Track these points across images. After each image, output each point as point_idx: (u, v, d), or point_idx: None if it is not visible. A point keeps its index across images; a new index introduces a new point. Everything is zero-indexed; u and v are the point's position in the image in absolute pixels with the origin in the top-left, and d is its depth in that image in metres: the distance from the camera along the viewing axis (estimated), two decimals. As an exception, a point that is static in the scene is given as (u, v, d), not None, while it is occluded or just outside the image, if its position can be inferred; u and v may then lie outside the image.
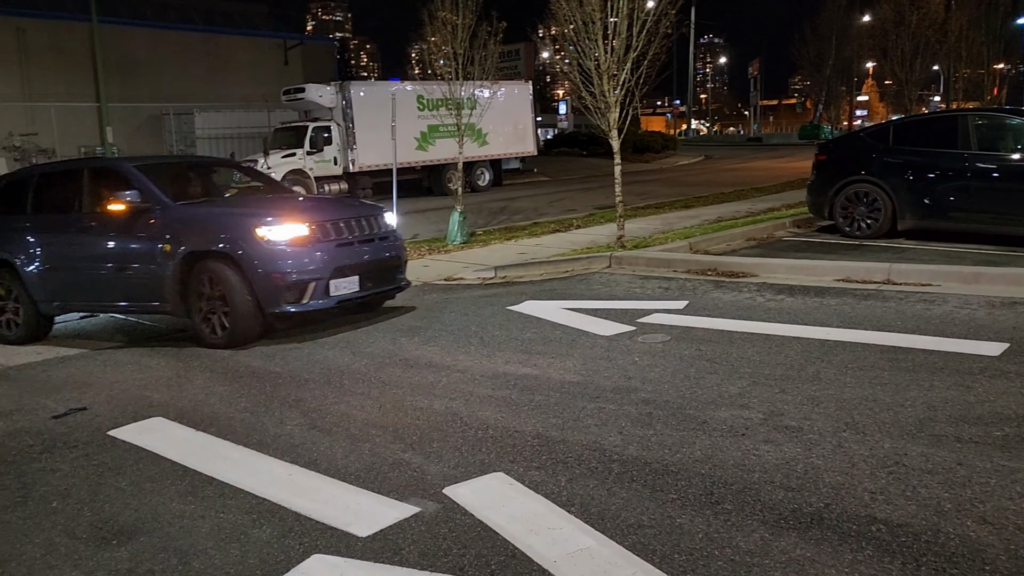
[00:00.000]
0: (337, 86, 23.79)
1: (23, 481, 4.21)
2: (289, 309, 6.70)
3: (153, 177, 7.41)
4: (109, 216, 7.26)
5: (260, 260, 6.57)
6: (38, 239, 7.72)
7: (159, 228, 6.96)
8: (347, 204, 8.89)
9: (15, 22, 28.61)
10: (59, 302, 7.65)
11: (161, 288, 6.90)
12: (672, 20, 11.78)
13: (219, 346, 6.75)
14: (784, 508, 3.39)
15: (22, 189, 8.20)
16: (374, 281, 7.25)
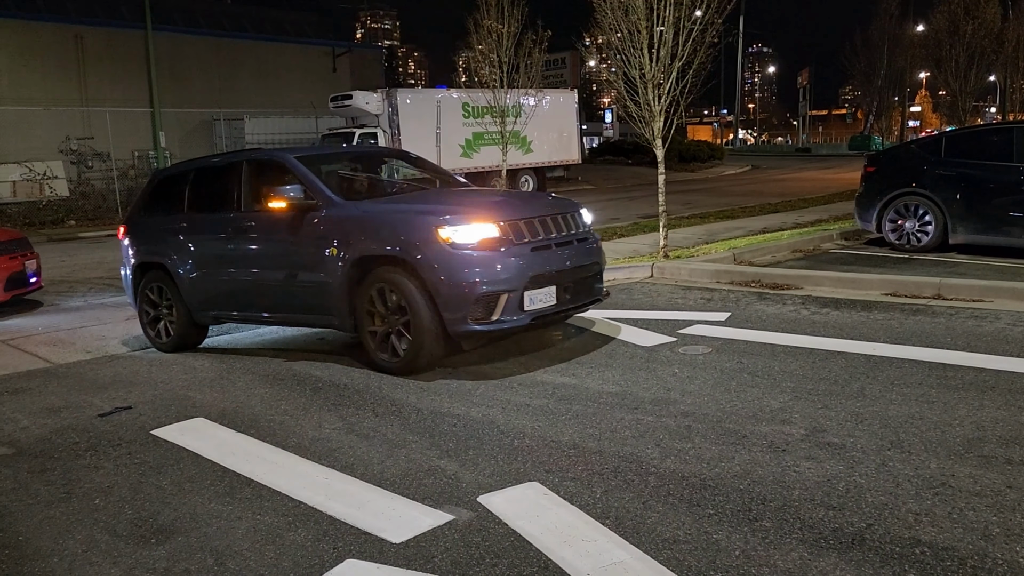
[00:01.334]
0: (384, 93, 24.06)
1: (68, 477, 4.31)
2: (475, 327, 5.60)
3: (317, 170, 6.69)
4: (269, 215, 6.52)
5: (443, 267, 5.55)
6: (193, 241, 7.09)
7: (325, 229, 6.14)
8: (540, 199, 7.67)
9: (74, 30, 29.48)
10: (214, 311, 7.00)
11: (327, 299, 6.12)
12: (719, 29, 11.67)
13: (395, 371, 5.85)
14: (824, 527, 3.31)
15: (178, 185, 7.58)
16: (572, 293, 6.09)
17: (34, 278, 9.93)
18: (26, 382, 6.34)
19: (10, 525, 3.76)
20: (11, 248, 9.64)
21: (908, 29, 51.49)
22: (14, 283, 9.50)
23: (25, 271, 9.64)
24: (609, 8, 11.35)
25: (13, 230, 11.65)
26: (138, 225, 7.81)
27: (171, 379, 6.21)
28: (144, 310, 7.50)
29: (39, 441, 4.91)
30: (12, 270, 9.45)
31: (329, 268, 6.06)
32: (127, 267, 7.74)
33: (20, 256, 9.65)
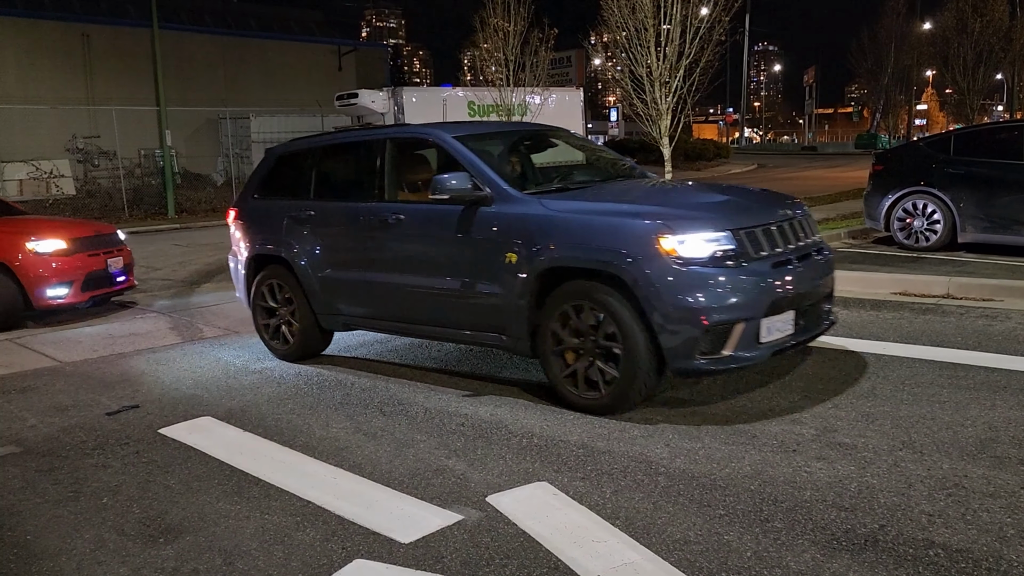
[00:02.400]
0: (389, 91, 24.05)
1: (76, 476, 4.30)
2: (701, 363, 4.48)
3: (485, 154, 5.55)
4: (421, 208, 5.58)
5: (667, 287, 4.41)
6: (322, 233, 6.13)
7: (500, 230, 5.06)
8: (769, 197, 5.57)
9: (80, 28, 29.56)
10: (346, 316, 6.12)
11: (499, 315, 5.10)
12: (726, 27, 11.66)
13: (593, 409, 4.77)
14: (836, 528, 3.28)
15: (303, 165, 6.62)
16: (808, 318, 4.89)
17: (121, 277, 9.06)
18: (33, 380, 6.35)
19: (18, 524, 3.75)
20: (91, 244, 8.78)
21: (915, 27, 51.31)
22: (94, 283, 8.64)
23: (107, 269, 8.80)
24: (616, 6, 11.32)
25: (101, 223, 10.83)
26: (253, 210, 6.82)
27: (178, 378, 6.20)
28: (259, 310, 6.67)
29: (47, 440, 4.91)
30: (91, 268, 8.60)
31: (504, 278, 5.02)
32: (238, 259, 6.90)
33: (102, 253, 8.79)
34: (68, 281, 8.40)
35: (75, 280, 8.44)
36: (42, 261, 8.26)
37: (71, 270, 8.41)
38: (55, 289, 8.31)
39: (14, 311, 8.24)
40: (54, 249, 8.38)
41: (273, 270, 6.48)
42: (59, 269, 8.35)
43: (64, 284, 8.38)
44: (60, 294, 8.35)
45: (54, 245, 8.41)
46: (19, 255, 8.20)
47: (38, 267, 8.24)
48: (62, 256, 8.39)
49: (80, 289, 8.48)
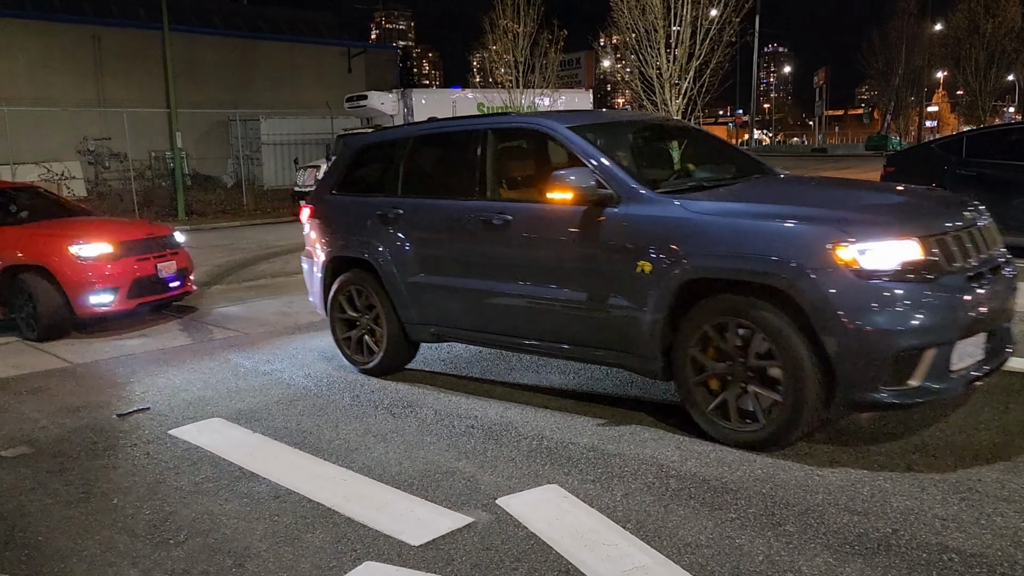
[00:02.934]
0: (399, 93, 24.10)
1: (87, 477, 4.31)
2: (883, 396, 3.83)
3: (608, 148, 4.92)
4: (533, 208, 4.95)
5: (844, 304, 3.78)
6: (413, 235, 5.53)
7: (629, 234, 4.43)
8: (946, 198, 4.87)
9: (91, 30, 29.73)
10: (437, 327, 5.53)
11: (628, 331, 4.47)
12: (736, 28, 11.63)
13: (752, 444, 4.12)
14: (849, 532, 3.26)
15: (390, 158, 6.04)
16: (994, 341, 4.21)
17: (175, 282, 8.53)
18: (44, 381, 6.37)
19: (29, 525, 3.76)
20: (140, 248, 8.28)
21: (926, 28, 51.10)
22: (142, 289, 8.15)
23: (158, 274, 8.29)
24: (626, 8, 11.32)
25: (157, 225, 9.96)
26: (332, 208, 6.23)
27: (188, 379, 6.21)
28: (338, 320, 6.15)
29: (58, 441, 4.92)
30: (139, 274, 8.11)
31: (635, 290, 4.40)
32: (314, 261, 6.34)
33: (152, 257, 8.27)
34: (113, 287, 7.94)
35: (120, 286, 7.98)
36: (85, 266, 7.82)
37: (116, 275, 7.96)
38: (99, 296, 7.86)
39: (60, 319, 7.84)
40: (98, 253, 7.94)
41: (355, 274, 5.93)
42: (103, 274, 7.88)
43: (108, 290, 7.92)
44: (104, 301, 7.91)
45: (98, 249, 7.97)
46: (61, 259, 7.81)
47: (81, 272, 7.79)
48: (107, 260, 7.95)
49: (126, 295, 8.02)
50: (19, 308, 7.91)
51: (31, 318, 7.81)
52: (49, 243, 7.95)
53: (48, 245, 7.93)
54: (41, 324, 7.73)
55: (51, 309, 7.72)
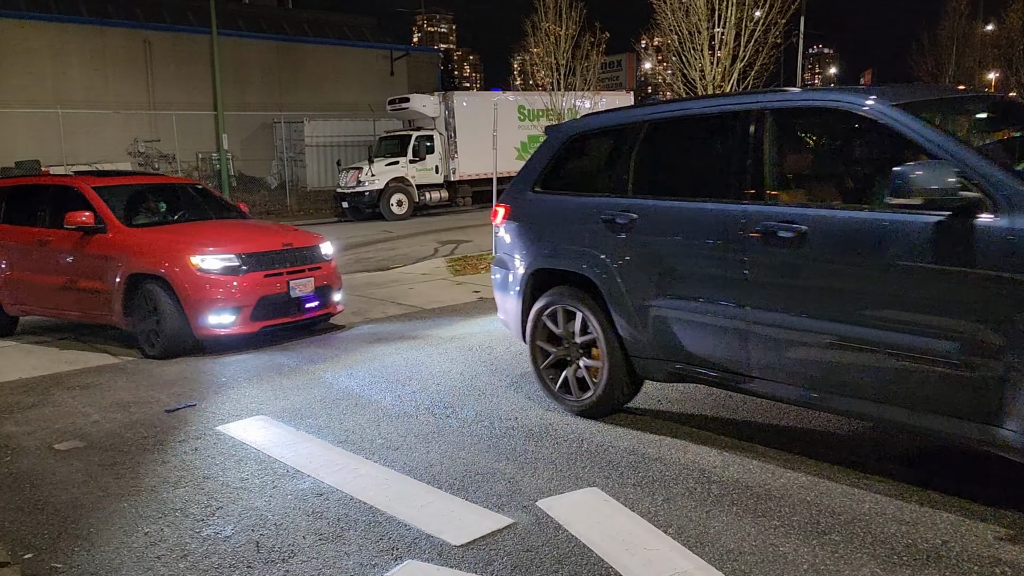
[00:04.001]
0: (440, 96, 24.24)
1: (137, 471, 4.41)
2: None
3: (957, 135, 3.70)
4: (843, 216, 3.66)
5: None
6: (651, 246, 4.41)
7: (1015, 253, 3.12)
8: None
9: (143, 34, 30.36)
10: (681, 363, 4.37)
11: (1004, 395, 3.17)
12: (781, 30, 11.48)
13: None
14: (897, 543, 3.20)
15: (616, 149, 4.90)
16: None
17: (313, 302, 7.46)
18: (96, 377, 6.53)
19: (81, 517, 3.86)
20: (272, 261, 7.25)
21: (978, 28, 49.90)
22: (269, 309, 7.15)
23: (290, 293, 7.24)
24: (669, 10, 11.24)
25: (300, 232, 8.18)
26: (535, 208, 5.21)
27: (233, 377, 6.32)
28: (540, 348, 5.11)
29: (109, 435, 5.05)
30: (266, 292, 7.09)
31: None
32: (510, 270, 5.32)
33: (285, 273, 7.26)
34: (235, 306, 6.97)
35: (244, 305, 6.99)
36: (205, 279, 6.94)
37: (239, 292, 6.98)
38: (218, 315, 6.94)
39: (181, 337, 7.02)
40: (221, 265, 7.01)
41: (565, 291, 4.89)
42: (224, 290, 6.95)
43: (229, 309, 6.96)
44: (224, 322, 6.97)
45: (221, 260, 7.03)
46: (181, 269, 6.97)
47: (199, 286, 6.91)
48: (230, 274, 7.00)
49: (249, 317, 7.04)
50: (141, 320, 7.18)
51: (153, 333, 7.09)
52: (170, 250, 7.13)
53: (169, 253, 7.11)
54: (163, 340, 7.01)
55: (173, 325, 6.96)
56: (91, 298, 7.54)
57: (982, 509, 3.43)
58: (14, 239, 8.21)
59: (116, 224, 7.52)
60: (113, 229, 7.49)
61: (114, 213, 7.60)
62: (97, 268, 7.44)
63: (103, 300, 7.43)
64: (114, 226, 7.51)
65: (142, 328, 7.20)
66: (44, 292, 7.94)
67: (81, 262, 7.59)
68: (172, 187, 9.09)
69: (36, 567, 3.40)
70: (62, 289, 7.73)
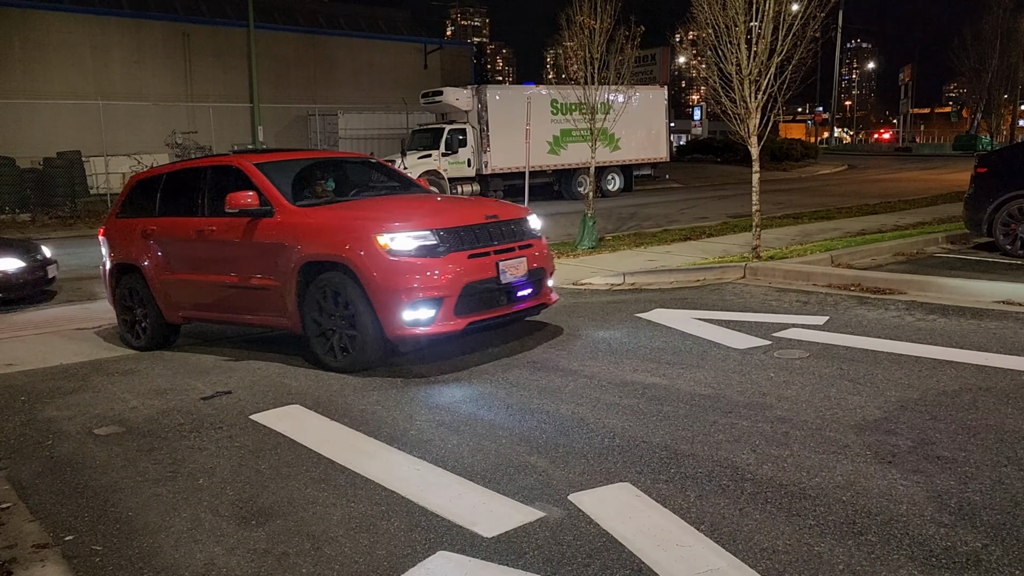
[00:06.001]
0: (473, 90, 24.23)
1: (174, 457, 4.48)
2: None
3: None
4: None
5: None
6: None
7: None
8: None
9: (182, 27, 30.78)
10: None
11: None
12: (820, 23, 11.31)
13: None
14: (935, 545, 3.14)
15: None
16: None
17: (526, 290, 6.16)
18: (135, 364, 6.64)
19: (120, 500, 3.94)
20: (477, 238, 5.95)
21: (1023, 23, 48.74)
22: (475, 301, 5.83)
23: (499, 278, 5.90)
24: (706, 3, 11.12)
25: (501, 203, 7.18)
26: None
27: (267, 366, 6.39)
28: None
29: (147, 421, 5.13)
30: (472, 277, 5.76)
31: None
32: None
33: (493, 252, 5.96)
34: (434, 297, 5.64)
35: (446, 296, 5.67)
36: (398, 264, 5.62)
37: (441, 279, 5.66)
38: (415, 309, 5.62)
39: (375, 340, 5.77)
40: (415, 245, 5.69)
41: None
42: (422, 277, 5.62)
43: (427, 301, 5.63)
44: (422, 318, 5.64)
45: (415, 239, 5.71)
46: (368, 252, 5.66)
47: (391, 273, 5.60)
48: (427, 256, 5.70)
49: (453, 311, 5.72)
50: (319, 320, 5.99)
51: (341, 337, 5.89)
52: (351, 229, 5.85)
53: (349, 232, 5.83)
54: (355, 346, 5.81)
55: (366, 326, 5.72)
56: (258, 297, 6.36)
57: (1023, 512, 3.37)
58: (171, 234, 7.09)
59: (284, 204, 6.27)
60: (281, 210, 6.25)
61: (280, 192, 6.39)
62: (264, 259, 6.25)
63: (273, 298, 6.22)
64: (281, 206, 6.26)
65: (320, 330, 6.03)
66: (205, 293, 6.83)
67: (245, 253, 6.39)
68: (342, 162, 7.99)
69: (77, 549, 3.47)
70: (225, 288, 6.61)
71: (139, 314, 7.30)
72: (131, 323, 7.37)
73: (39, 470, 4.40)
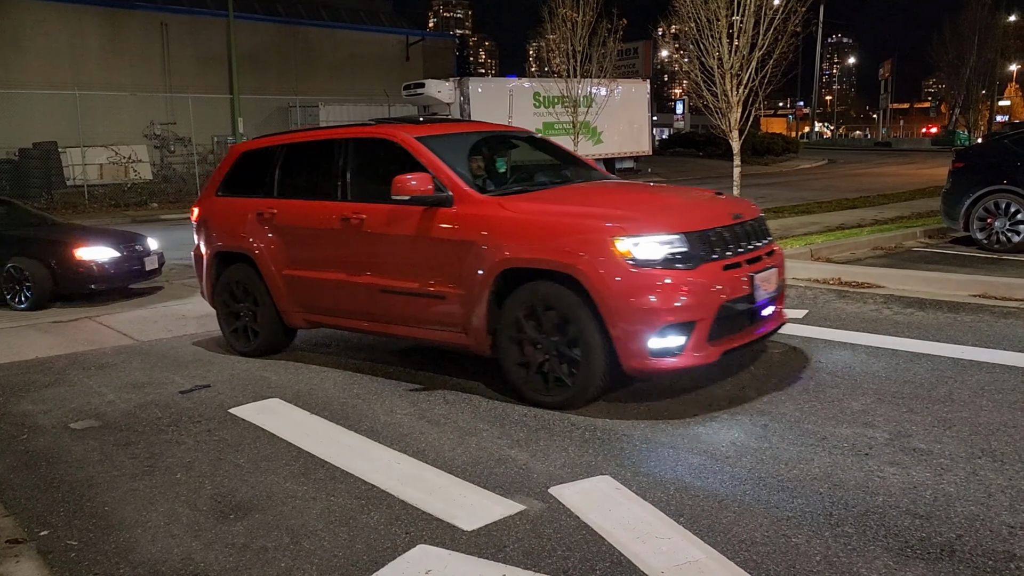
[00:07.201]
0: (456, 82, 24.20)
1: (151, 451, 4.45)
2: None
3: None
4: None
5: None
6: None
7: None
8: None
9: (160, 17, 30.47)
10: None
11: None
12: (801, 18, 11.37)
13: None
14: (911, 536, 3.18)
15: None
16: None
17: (769, 308, 5.02)
18: (112, 357, 6.58)
19: (96, 495, 3.90)
20: (727, 244, 4.78)
21: (1000, 19, 49.26)
22: (727, 324, 4.67)
23: (754, 294, 4.77)
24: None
25: (731, 198, 5.86)
26: None
27: (247, 360, 6.35)
28: None
29: (124, 415, 5.08)
30: (728, 296, 4.61)
31: None
32: None
33: (745, 263, 4.81)
34: (687, 321, 4.48)
35: (700, 319, 4.50)
36: (643, 277, 4.45)
37: (695, 298, 4.49)
38: (663, 337, 4.47)
39: (604, 373, 4.63)
40: (664, 253, 4.51)
41: None
42: (673, 295, 4.45)
43: (679, 327, 4.48)
44: (672, 347, 4.50)
45: (663, 245, 4.52)
46: (603, 261, 4.49)
47: (636, 289, 4.43)
48: (677, 268, 4.52)
49: (706, 337, 4.56)
50: (521, 343, 4.84)
51: (558, 363, 4.70)
52: (580, 228, 4.66)
53: (578, 232, 4.63)
54: (580, 380, 4.64)
55: (596, 355, 4.56)
56: (427, 306, 5.29)
57: (997, 503, 3.41)
58: (300, 220, 5.96)
59: (466, 191, 5.15)
60: (464, 199, 5.12)
61: (459, 175, 5.27)
62: (438, 259, 5.17)
63: (449, 309, 5.15)
64: (463, 194, 5.13)
65: (522, 355, 4.85)
66: (345, 296, 5.75)
67: (411, 251, 5.31)
68: (505, 137, 6.63)
69: (52, 544, 3.43)
70: (376, 292, 5.52)
71: (246, 312, 6.38)
72: (235, 322, 6.49)
73: (13, 464, 4.34)
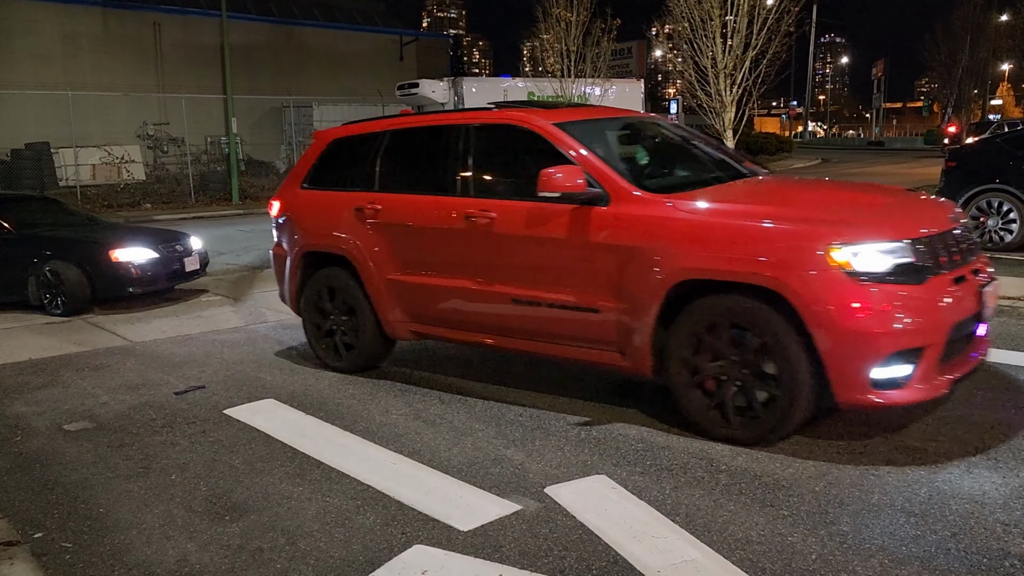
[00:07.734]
0: (450, 82, 24.14)
1: (146, 453, 4.43)
2: None
3: None
4: None
5: None
6: None
7: None
8: None
9: (152, 17, 30.34)
10: None
11: None
12: (794, 18, 11.40)
13: None
14: (906, 534, 3.19)
15: None
16: None
17: (982, 328, 4.29)
18: (106, 359, 6.55)
19: (91, 497, 3.88)
20: (952, 254, 4.07)
21: (992, 19, 49.45)
22: (953, 347, 3.96)
23: (982, 312, 4.14)
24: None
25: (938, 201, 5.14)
26: None
27: (242, 360, 6.33)
28: None
29: (118, 416, 5.07)
30: (959, 315, 3.96)
31: None
32: None
33: (969, 271, 4.13)
34: (916, 347, 3.79)
35: (929, 344, 3.81)
36: (864, 293, 3.75)
37: (924, 319, 3.81)
38: (886, 365, 3.76)
39: (807, 405, 3.93)
40: (890, 264, 3.82)
41: None
42: (899, 314, 3.76)
43: (905, 354, 3.77)
44: (898, 376, 3.80)
45: (888, 255, 3.83)
46: (813, 273, 3.80)
47: (854, 307, 3.73)
48: (905, 283, 3.83)
49: (935, 364, 3.86)
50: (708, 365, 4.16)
51: (747, 392, 4.06)
52: (782, 234, 3.96)
53: (780, 239, 3.94)
54: (777, 411, 3.97)
55: (800, 383, 3.87)
56: (576, 321, 4.59)
57: (992, 501, 3.42)
58: (409, 218, 5.30)
59: (625, 189, 4.46)
60: (621, 197, 4.44)
61: (614, 169, 4.60)
62: (592, 268, 4.50)
63: (604, 326, 4.48)
64: (621, 192, 4.46)
65: (698, 380, 4.21)
66: (468, 307, 5.11)
67: (555, 257, 4.64)
68: (644, 124, 6.08)
69: (46, 546, 3.42)
70: (510, 304, 4.85)
71: (339, 322, 5.74)
72: (327, 333, 5.85)
73: (7, 466, 4.32)
